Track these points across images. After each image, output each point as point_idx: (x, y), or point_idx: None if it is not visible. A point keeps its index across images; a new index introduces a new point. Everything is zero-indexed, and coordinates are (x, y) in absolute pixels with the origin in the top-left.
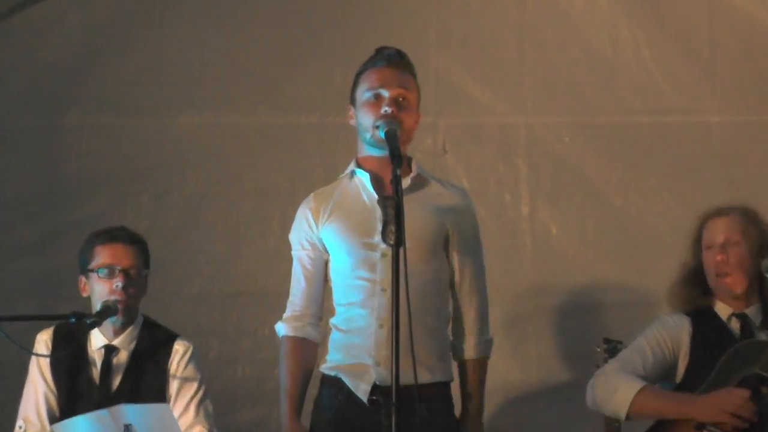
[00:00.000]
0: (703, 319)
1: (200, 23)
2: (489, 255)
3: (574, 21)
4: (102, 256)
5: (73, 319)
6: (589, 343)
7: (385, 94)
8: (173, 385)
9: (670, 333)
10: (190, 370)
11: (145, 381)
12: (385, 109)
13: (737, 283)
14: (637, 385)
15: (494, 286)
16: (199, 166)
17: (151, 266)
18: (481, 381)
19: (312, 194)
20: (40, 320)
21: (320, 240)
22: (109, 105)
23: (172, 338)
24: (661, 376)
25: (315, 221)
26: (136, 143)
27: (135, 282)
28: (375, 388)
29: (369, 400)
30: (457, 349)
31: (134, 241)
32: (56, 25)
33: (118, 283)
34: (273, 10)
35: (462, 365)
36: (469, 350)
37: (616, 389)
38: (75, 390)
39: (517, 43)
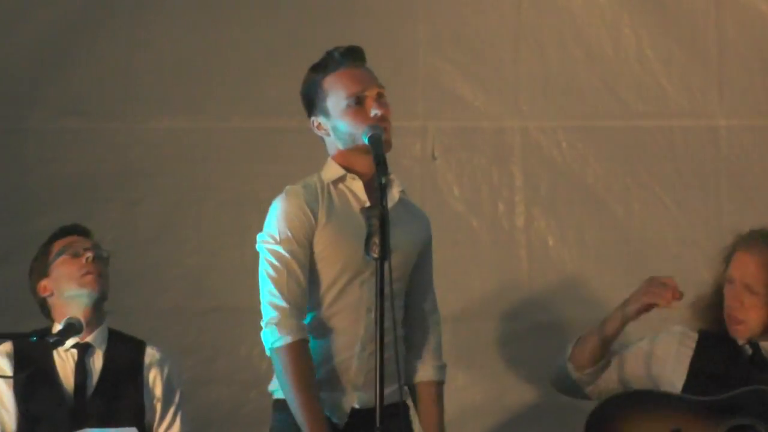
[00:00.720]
0: (715, 337)
1: (173, 20)
2: (482, 269)
3: (574, 18)
4: (61, 244)
5: (34, 338)
6: None
7: (368, 95)
8: (155, 398)
9: (663, 347)
10: (172, 379)
11: (119, 389)
12: (375, 112)
13: (746, 331)
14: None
15: (487, 301)
16: (172, 173)
17: (119, 280)
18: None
19: (295, 187)
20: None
21: (312, 236)
22: (74, 107)
23: (141, 344)
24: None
25: (315, 218)
26: (103, 148)
27: (102, 262)
28: (352, 411)
29: (345, 423)
30: (416, 372)
31: (89, 234)
32: (16, 19)
33: (88, 255)
34: (251, 6)
35: (423, 387)
36: (433, 372)
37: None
38: (39, 410)
39: (512, 41)
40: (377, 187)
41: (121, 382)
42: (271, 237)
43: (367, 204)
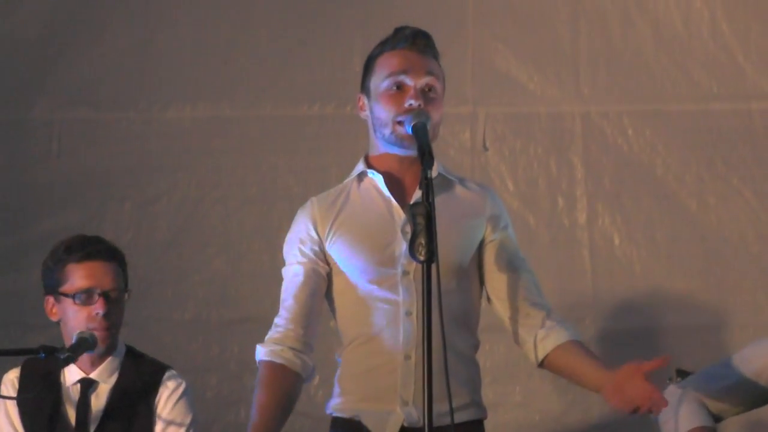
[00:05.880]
0: None
1: None
2: (540, 270)
3: None
4: (77, 276)
5: (43, 355)
6: (661, 375)
7: (410, 83)
8: (159, 427)
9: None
10: (180, 408)
11: (129, 422)
12: (410, 102)
13: None
14: (695, 422)
15: None
16: (192, 167)
17: (135, 287)
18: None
19: (312, 199)
20: (2, 356)
21: (323, 254)
22: (84, 96)
23: (161, 371)
24: (752, 405)
25: (318, 232)
26: (116, 141)
27: (117, 306)
28: (402, 431)
29: None
30: (537, 343)
31: (113, 256)
32: None
33: (98, 310)
34: None
35: (555, 352)
36: (560, 334)
37: (677, 421)
38: None
39: (570, 16)
40: (422, 182)
41: (130, 416)
42: (284, 256)
43: (392, 201)
